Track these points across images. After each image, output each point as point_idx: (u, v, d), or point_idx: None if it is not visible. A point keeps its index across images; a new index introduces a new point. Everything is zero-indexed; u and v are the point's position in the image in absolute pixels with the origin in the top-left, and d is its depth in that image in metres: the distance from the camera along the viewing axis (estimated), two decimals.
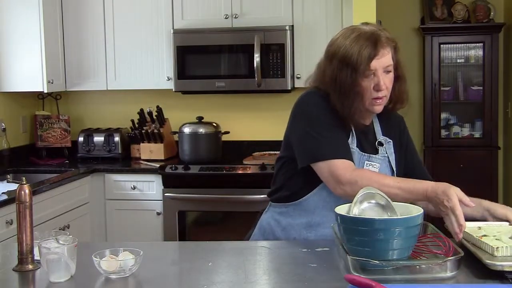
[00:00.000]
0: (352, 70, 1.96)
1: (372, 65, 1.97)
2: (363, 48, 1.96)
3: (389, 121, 2.17)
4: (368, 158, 2.05)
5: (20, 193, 1.78)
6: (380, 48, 1.98)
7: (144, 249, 1.74)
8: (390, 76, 2.03)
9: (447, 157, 4.88)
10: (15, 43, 4.10)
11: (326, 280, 1.61)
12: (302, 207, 2.05)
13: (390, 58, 2.02)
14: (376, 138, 2.11)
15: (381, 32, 2.01)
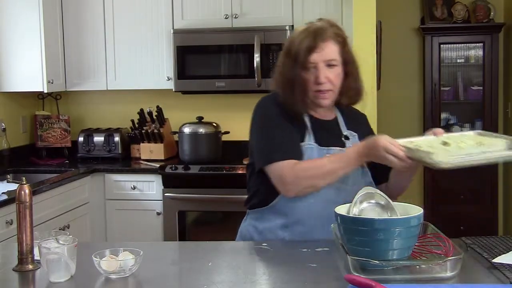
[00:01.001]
0: (293, 62, 2.03)
1: (312, 58, 2.01)
2: (303, 41, 2.02)
3: (352, 116, 2.20)
4: (328, 151, 2.05)
5: (20, 193, 1.78)
6: (320, 41, 2.01)
7: (144, 249, 1.74)
8: (335, 71, 2.04)
9: None
10: (15, 43, 4.10)
11: (326, 280, 1.61)
12: (275, 210, 2.06)
13: (334, 52, 2.03)
14: (342, 132, 2.14)
15: (330, 27, 2.05)
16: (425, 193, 4.92)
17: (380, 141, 1.85)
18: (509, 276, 1.59)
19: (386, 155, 1.83)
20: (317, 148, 2.05)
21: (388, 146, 1.83)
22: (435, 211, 4.82)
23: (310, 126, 2.08)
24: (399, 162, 1.82)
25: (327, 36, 2.02)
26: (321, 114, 2.13)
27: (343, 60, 2.06)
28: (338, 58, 2.04)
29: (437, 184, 4.87)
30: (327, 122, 2.14)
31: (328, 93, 2.05)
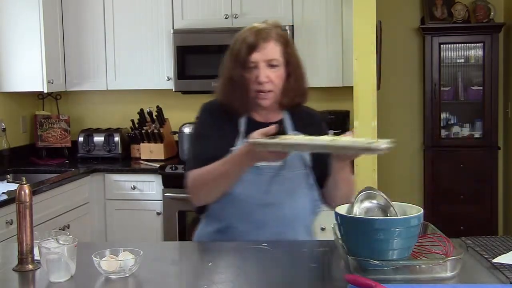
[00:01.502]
0: (235, 61, 2.04)
1: (253, 57, 2.01)
2: (245, 40, 2.03)
3: (302, 116, 2.17)
4: None
5: (20, 193, 1.78)
6: (262, 41, 2.01)
7: (144, 249, 1.74)
8: (277, 71, 2.03)
9: (447, 157, 4.88)
10: (15, 43, 4.10)
11: (326, 280, 1.60)
12: (211, 216, 2.08)
13: (275, 52, 2.03)
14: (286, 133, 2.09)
15: (274, 28, 2.06)
16: (425, 193, 4.92)
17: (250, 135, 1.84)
18: (509, 276, 1.59)
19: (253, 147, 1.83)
20: None
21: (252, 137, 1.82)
22: (435, 211, 4.82)
23: (244, 130, 2.07)
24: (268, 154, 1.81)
25: (269, 36, 2.02)
26: (264, 116, 2.10)
27: (285, 61, 2.05)
28: (280, 59, 2.03)
29: (437, 184, 4.87)
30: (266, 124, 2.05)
31: (269, 94, 2.03)
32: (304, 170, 2.08)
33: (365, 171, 3.70)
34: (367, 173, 3.70)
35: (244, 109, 2.08)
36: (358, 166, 3.72)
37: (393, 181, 4.99)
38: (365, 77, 3.69)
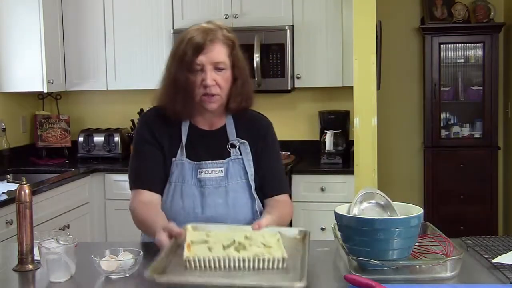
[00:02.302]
0: (179, 63, 1.97)
1: (199, 60, 1.94)
2: (190, 41, 1.95)
3: (247, 122, 2.10)
4: (199, 165, 2.02)
5: (20, 193, 1.78)
6: (208, 42, 1.94)
7: (144, 249, 1.74)
8: (223, 75, 1.97)
9: (447, 157, 4.88)
10: (15, 43, 4.10)
11: (326, 280, 1.60)
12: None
13: (221, 55, 1.95)
14: (229, 141, 2.06)
15: (219, 29, 1.99)
16: (425, 193, 4.92)
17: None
18: (509, 276, 1.59)
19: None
20: (188, 163, 2.02)
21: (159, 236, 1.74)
22: (435, 211, 4.82)
23: (185, 139, 2.04)
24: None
25: (216, 38, 1.95)
26: (208, 121, 2.07)
27: (231, 64, 1.98)
28: (227, 62, 1.96)
29: (437, 184, 4.86)
30: (210, 132, 2.07)
31: (215, 97, 1.97)
32: (246, 180, 2.04)
33: (365, 171, 3.71)
34: (367, 173, 3.70)
35: (187, 114, 2.03)
36: (358, 166, 3.73)
37: (393, 181, 4.99)
38: (365, 77, 3.69)
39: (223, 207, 2.01)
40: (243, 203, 2.03)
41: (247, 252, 1.58)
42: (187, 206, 2.01)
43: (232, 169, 2.03)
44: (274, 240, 1.66)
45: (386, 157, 4.80)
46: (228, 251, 1.58)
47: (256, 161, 2.07)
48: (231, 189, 2.02)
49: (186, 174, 2.02)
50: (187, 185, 2.01)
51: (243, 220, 2.02)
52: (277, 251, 1.58)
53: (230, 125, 2.08)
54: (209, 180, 2.01)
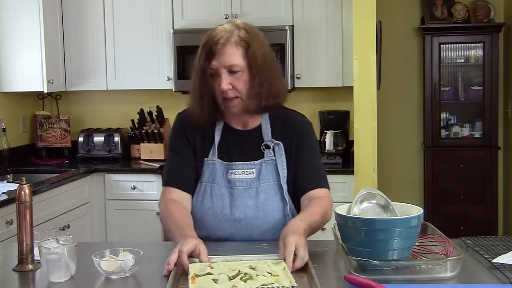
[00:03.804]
0: (198, 68, 1.98)
1: (213, 64, 1.92)
2: (204, 46, 1.95)
3: (284, 122, 2.08)
4: (229, 166, 2.02)
5: (20, 193, 1.78)
6: (220, 46, 1.92)
7: (144, 249, 1.74)
8: (240, 77, 1.93)
9: (447, 157, 4.88)
10: (15, 43, 4.10)
11: (326, 280, 1.60)
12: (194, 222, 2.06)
13: (235, 58, 1.92)
14: (263, 141, 2.05)
15: (236, 29, 1.96)
16: (425, 193, 4.92)
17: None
18: (509, 276, 1.59)
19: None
20: (219, 163, 2.03)
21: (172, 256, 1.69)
22: (435, 211, 4.82)
23: (218, 139, 2.04)
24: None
25: (228, 41, 1.92)
26: (240, 122, 2.06)
27: (248, 65, 1.93)
28: (242, 63, 1.93)
29: (437, 184, 4.86)
30: (244, 132, 2.07)
31: (235, 101, 1.95)
32: (277, 182, 2.02)
33: (365, 171, 3.71)
34: (367, 173, 3.70)
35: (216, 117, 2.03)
36: (358, 166, 3.73)
37: (393, 181, 4.99)
38: (365, 77, 3.69)
39: (253, 209, 2.00)
40: (274, 206, 2.01)
41: (255, 281, 1.55)
42: (216, 206, 2.01)
43: (265, 170, 2.02)
44: (280, 269, 1.64)
45: (386, 157, 4.80)
46: (235, 282, 1.55)
47: (292, 160, 2.04)
48: (262, 191, 2.01)
49: (217, 174, 2.02)
50: (217, 186, 2.01)
51: (273, 222, 2.00)
52: (284, 280, 1.56)
53: (266, 125, 2.06)
54: (239, 181, 2.01)
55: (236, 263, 1.70)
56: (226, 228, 2.02)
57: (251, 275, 1.59)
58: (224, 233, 2.02)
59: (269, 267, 1.65)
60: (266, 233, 2.02)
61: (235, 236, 2.02)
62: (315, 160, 2.11)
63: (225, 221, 2.01)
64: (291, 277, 1.56)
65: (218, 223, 2.01)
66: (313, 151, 2.11)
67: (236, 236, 2.02)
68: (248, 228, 2.01)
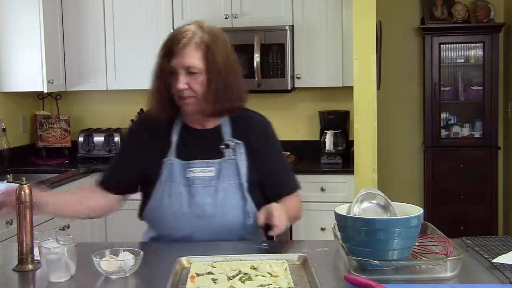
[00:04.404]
0: (158, 67, 2.01)
1: (172, 64, 1.96)
2: (165, 46, 1.99)
3: (245, 122, 2.10)
4: (188, 165, 2.03)
5: (20, 193, 1.78)
6: (181, 46, 1.94)
7: (144, 249, 1.74)
8: (197, 78, 1.96)
9: (447, 157, 4.88)
10: (15, 43, 4.10)
11: (326, 280, 1.60)
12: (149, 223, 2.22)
13: (193, 59, 1.95)
14: (223, 141, 2.06)
15: (199, 31, 1.98)
16: (425, 193, 4.92)
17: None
18: (509, 276, 1.59)
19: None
20: (177, 163, 2.03)
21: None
22: (435, 211, 4.82)
23: (176, 139, 2.06)
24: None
25: (190, 42, 1.95)
26: (199, 122, 2.08)
27: (206, 68, 1.96)
28: (200, 66, 1.95)
29: (437, 184, 4.87)
30: (203, 131, 2.08)
31: (190, 100, 1.97)
32: (238, 181, 2.03)
33: (365, 171, 3.71)
34: (367, 173, 3.70)
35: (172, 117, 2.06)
36: (358, 166, 3.73)
37: (393, 181, 4.99)
38: (365, 77, 3.69)
39: (212, 206, 2.01)
40: (233, 204, 2.02)
41: (253, 282, 1.55)
42: (174, 205, 2.02)
43: (225, 169, 2.03)
44: (281, 270, 1.64)
45: (386, 157, 4.80)
46: (233, 282, 1.55)
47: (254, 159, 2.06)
48: (221, 189, 2.02)
49: (175, 173, 2.02)
50: (175, 184, 2.02)
51: (232, 220, 2.02)
52: (283, 281, 1.55)
53: (226, 124, 2.08)
54: (197, 179, 2.02)
55: (238, 263, 1.70)
56: (186, 227, 2.02)
57: (250, 276, 1.59)
58: (184, 231, 2.03)
59: (270, 267, 1.65)
60: (226, 232, 2.03)
61: (196, 235, 2.02)
62: (282, 162, 2.19)
63: (184, 219, 2.01)
64: (290, 279, 1.56)
65: (178, 222, 2.02)
66: (277, 152, 2.18)
67: (197, 235, 2.02)
68: (207, 226, 2.02)
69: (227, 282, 1.56)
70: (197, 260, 1.73)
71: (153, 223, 2.12)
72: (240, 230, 2.05)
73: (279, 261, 1.70)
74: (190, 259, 1.74)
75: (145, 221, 2.16)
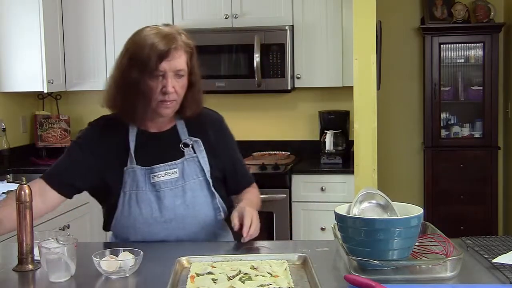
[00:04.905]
0: (140, 67, 1.92)
1: (162, 66, 1.91)
2: (153, 47, 1.91)
3: (198, 120, 2.09)
4: (151, 170, 2.00)
5: (20, 193, 1.78)
6: (173, 50, 1.92)
7: (144, 249, 1.74)
8: (182, 81, 1.97)
9: (447, 157, 4.88)
10: (15, 43, 4.10)
11: (326, 280, 1.60)
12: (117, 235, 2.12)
13: (182, 62, 1.95)
14: (181, 140, 2.05)
15: (179, 35, 1.97)
16: (425, 193, 4.92)
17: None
18: (509, 276, 1.59)
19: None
20: (139, 169, 2.00)
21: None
22: (435, 211, 4.82)
23: (133, 145, 2.01)
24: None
25: (178, 45, 1.93)
26: (155, 126, 2.05)
27: (189, 71, 1.98)
28: (185, 68, 1.96)
29: (437, 184, 4.87)
30: (159, 134, 2.06)
31: (172, 103, 1.97)
32: (203, 177, 2.03)
33: (365, 171, 3.71)
34: (367, 173, 3.70)
35: (143, 118, 2.00)
36: (358, 166, 3.73)
37: (393, 181, 4.99)
38: (365, 77, 3.69)
39: (183, 207, 2.00)
40: (203, 201, 2.03)
41: (253, 282, 1.55)
42: (145, 212, 1.99)
43: (188, 168, 2.03)
44: (281, 269, 1.64)
45: (386, 157, 4.80)
46: (233, 282, 1.55)
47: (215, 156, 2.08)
48: (189, 188, 2.01)
49: (139, 180, 2.00)
50: (142, 192, 1.99)
51: (204, 218, 2.03)
52: (283, 281, 1.55)
53: (181, 124, 2.08)
54: (163, 183, 2.00)
55: (238, 262, 1.70)
56: (159, 231, 2.01)
57: (250, 276, 1.59)
58: (158, 236, 2.01)
59: (270, 267, 1.65)
60: (199, 232, 2.03)
61: (170, 238, 2.01)
62: (239, 155, 2.21)
63: (156, 225, 1.99)
64: (290, 279, 1.56)
65: (150, 228, 2.00)
66: (234, 145, 2.19)
67: (171, 238, 2.01)
68: (180, 228, 2.01)
69: (227, 282, 1.56)
70: (197, 260, 1.73)
71: (122, 232, 2.05)
72: (213, 227, 2.06)
73: (279, 261, 1.70)
74: (190, 259, 1.74)
75: (113, 231, 2.09)
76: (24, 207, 1.77)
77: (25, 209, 1.77)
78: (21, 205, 1.77)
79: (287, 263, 1.68)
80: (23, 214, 1.77)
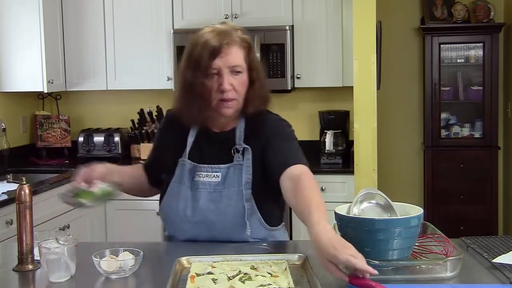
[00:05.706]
0: (195, 67, 1.89)
1: (215, 64, 1.87)
2: (206, 45, 1.88)
3: (256, 125, 2.01)
4: (196, 168, 1.99)
5: (20, 193, 1.78)
6: (225, 45, 1.88)
7: (144, 249, 1.74)
8: (240, 78, 1.91)
9: (447, 157, 4.88)
10: (15, 43, 4.10)
11: (326, 280, 1.60)
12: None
13: (239, 58, 1.90)
14: (235, 144, 1.99)
15: (235, 31, 1.93)
16: (425, 193, 4.92)
17: None
18: (509, 276, 1.59)
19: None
20: (188, 164, 2.00)
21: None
22: (435, 211, 4.82)
23: (192, 140, 2.01)
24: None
25: (232, 40, 1.89)
26: (217, 125, 2.02)
27: (248, 67, 1.93)
28: (243, 65, 1.91)
29: (437, 184, 4.86)
30: (218, 134, 2.02)
31: (232, 102, 1.91)
32: (240, 187, 1.96)
33: (365, 171, 3.71)
34: (367, 173, 3.70)
35: (203, 120, 1.98)
36: (358, 166, 3.73)
37: (393, 181, 4.99)
38: (365, 77, 3.69)
39: (214, 213, 1.96)
40: (235, 212, 1.95)
41: (253, 282, 1.55)
42: (180, 207, 1.99)
43: (232, 175, 1.97)
44: (281, 270, 1.64)
45: (386, 157, 4.80)
46: (233, 282, 1.55)
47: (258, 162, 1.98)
48: (225, 196, 1.96)
49: (184, 175, 2.00)
50: (183, 187, 1.99)
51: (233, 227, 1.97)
52: (283, 281, 1.55)
53: (240, 128, 2.01)
54: (202, 183, 1.98)
55: (238, 263, 1.70)
56: (188, 230, 1.99)
57: (250, 276, 1.59)
58: (187, 234, 2.00)
59: (270, 267, 1.65)
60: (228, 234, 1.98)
61: (198, 238, 2.00)
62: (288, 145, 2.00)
63: (187, 223, 1.98)
64: (290, 279, 1.56)
65: (181, 224, 2.00)
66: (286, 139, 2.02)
67: (199, 238, 2.00)
68: (209, 231, 1.98)
69: (227, 282, 1.56)
70: (197, 260, 1.72)
71: (163, 221, 2.11)
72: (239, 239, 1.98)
73: (279, 261, 1.70)
74: (190, 259, 1.74)
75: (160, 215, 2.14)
76: (24, 207, 1.77)
77: (25, 209, 1.77)
78: (21, 205, 1.77)
79: (287, 263, 1.68)
80: (23, 214, 1.77)
